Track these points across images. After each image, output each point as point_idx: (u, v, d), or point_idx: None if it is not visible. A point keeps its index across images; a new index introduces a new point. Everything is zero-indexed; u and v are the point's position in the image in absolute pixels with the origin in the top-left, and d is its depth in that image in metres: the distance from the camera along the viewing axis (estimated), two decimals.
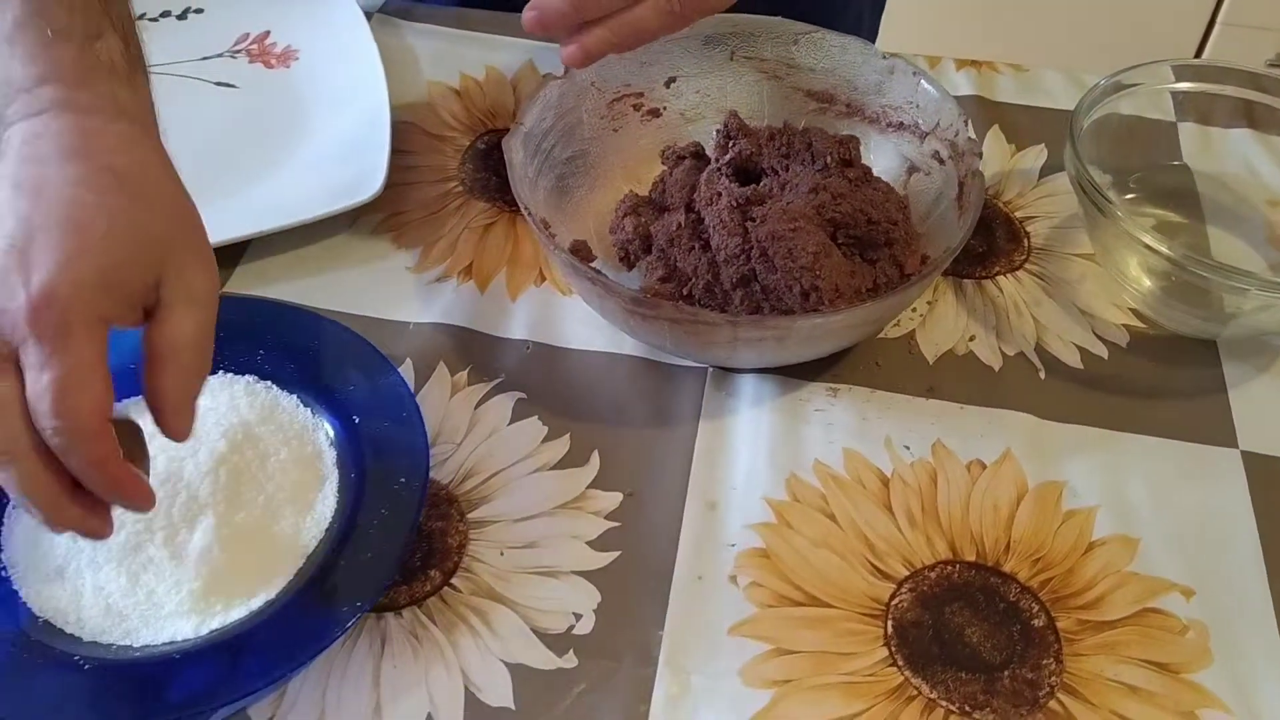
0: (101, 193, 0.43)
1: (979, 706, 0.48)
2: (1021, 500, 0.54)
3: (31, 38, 0.45)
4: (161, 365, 0.43)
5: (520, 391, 0.58)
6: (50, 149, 0.43)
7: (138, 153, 0.45)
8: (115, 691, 0.45)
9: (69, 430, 0.40)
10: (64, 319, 0.40)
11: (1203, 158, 0.71)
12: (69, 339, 0.40)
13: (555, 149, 0.62)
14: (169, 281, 0.44)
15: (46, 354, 0.40)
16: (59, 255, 0.41)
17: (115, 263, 0.42)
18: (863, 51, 0.64)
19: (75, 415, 0.40)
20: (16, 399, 0.41)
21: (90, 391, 0.41)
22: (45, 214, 0.42)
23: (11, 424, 0.40)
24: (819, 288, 0.52)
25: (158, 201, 0.45)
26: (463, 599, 0.50)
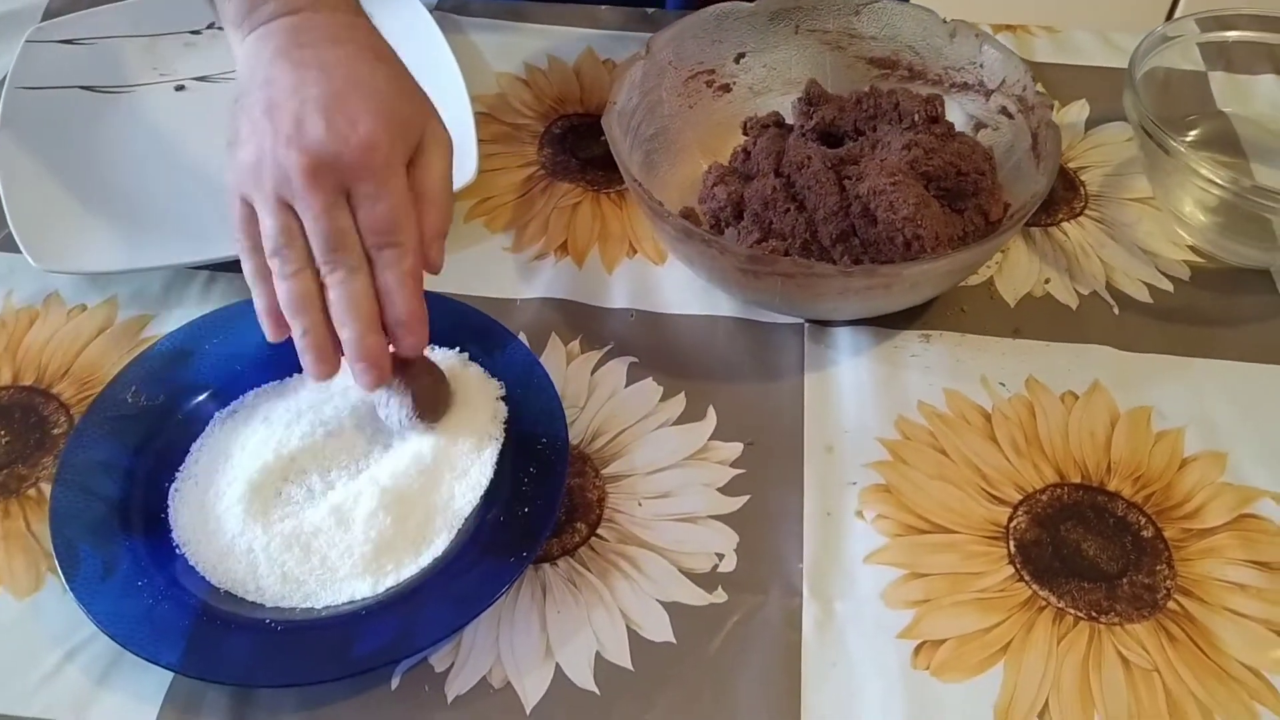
0: (374, 64, 0.52)
1: (1104, 611, 0.51)
2: (1115, 425, 0.58)
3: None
4: (429, 202, 0.52)
5: (632, 356, 0.61)
6: (317, 36, 0.52)
7: (382, 40, 0.55)
8: (305, 649, 0.48)
9: (400, 241, 0.50)
10: (388, 159, 0.50)
11: (1236, 103, 0.75)
12: (392, 174, 0.50)
13: (641, 126, 0.65)
14: (428, 133, 0.53)
15: (380, 186, 0.49)
16: (370, 108, 0.50)
17: (405, 116, 0.51)
18: (924, 18, 0.67)
19: (408, 230, 0.50)
20: (354, 229, 0.49)
21: (411, 212, 0.50)
22: (340, 80, 0.50)
23: (356, 247, 0.50)
24: (921, 236, 0.55)
25: (408, 74, 0.54)
26: (611, 547, 0.53)
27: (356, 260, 0.49)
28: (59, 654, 0.49)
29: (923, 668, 0.49)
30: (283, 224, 0.49)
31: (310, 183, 0.48)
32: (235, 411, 0.57)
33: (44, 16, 0.81)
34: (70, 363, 0.61)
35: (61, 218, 0.66)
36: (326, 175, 0.49)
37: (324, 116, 0.49)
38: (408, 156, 0.51)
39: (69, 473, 0.53)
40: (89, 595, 0.49)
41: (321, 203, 0.49)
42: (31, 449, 0.57)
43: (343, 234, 0.49)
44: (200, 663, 0.47)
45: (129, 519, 0.52)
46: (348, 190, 0.49)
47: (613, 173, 0.71)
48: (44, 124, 0.71)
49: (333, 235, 0.49)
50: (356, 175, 0.49)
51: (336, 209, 0.49)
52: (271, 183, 0.49)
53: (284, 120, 0.49)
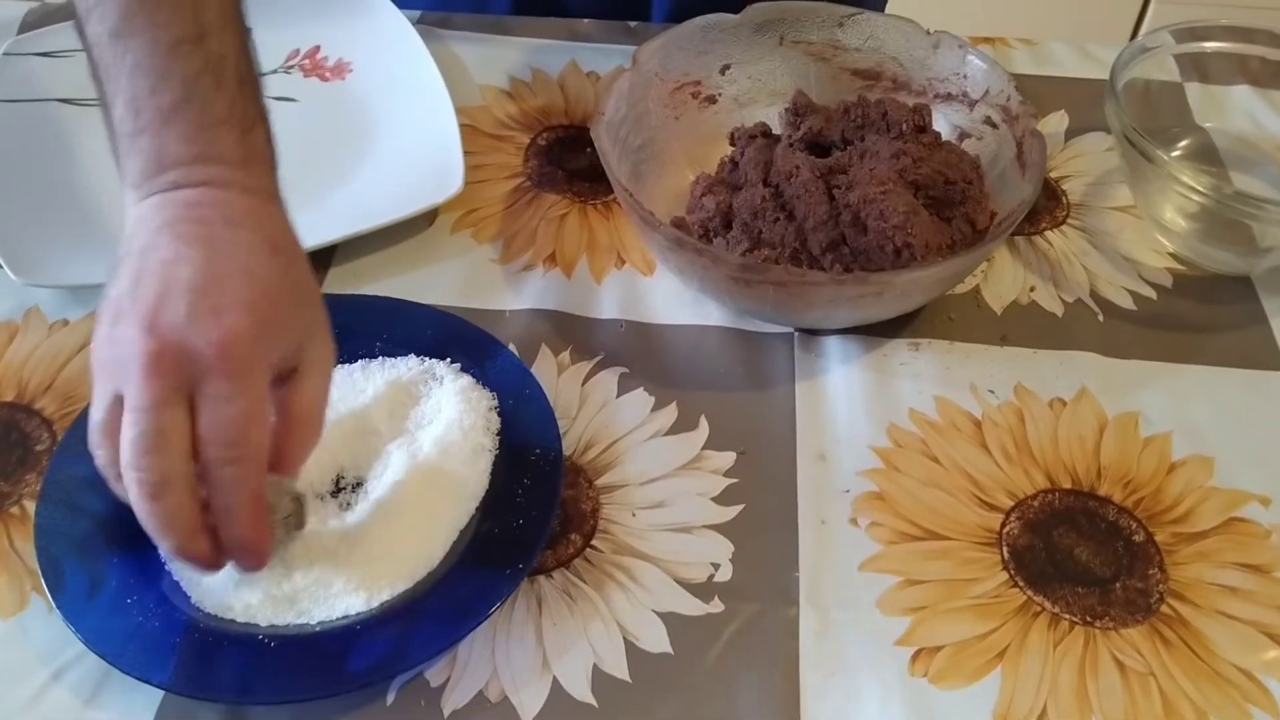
0: (268, 256, 0.46)
1: (1099, 616, 0.51)
2: (1104, 430, 0.59)
3: (191, 120, 0.47)
4: (296, 426, 0.46)
5: (622, 366, 0.61)
6: (214, 214, 0.46)
7: (288, 230, 0.49)
8: (299, 665, 0.47)
9: (244, 459, 0.43)
10: (249, 358, 0.43)
11: (1213, 113, 0.76)
12: (251, 377, 0.43)
13: (629, 137, 0.65)
14: (310, 347, 0.47)
15: (233, 389, 0.43)
16: (244, 300, 0.44)
17: (285, 317, 0.46)
18: (907, 29, 0.68)
19: (255, 444, 0.43)
20: (185, 432, 0.43)
21: (264, 427, 0.44)
22: (222, 264, 0.44)
23: (174, 454, 0.42)
24: (911, 245, 0.56)
25: (306, 273, 0.49)
26: (606, 558, 0.53)
27: (168, 472, 0.42)
28: (46, 674, 0.48)
29: (920, 675, 0.49)
30: (106, 417, 0.43)
31: (146, 372, 0.42)
32: None
33: (20, 29, 0.80)
34: (52, 378, 0.60)
35: (42, 231, 0.65)
36: (168, 367, 0.42)
37: (189, 300, 0.43)
38: (276, 365, 0.45)
39: (53, 489, 0.52)
40: (76, 613, 0.48)
41: (149, 397, 0.42)
42: (14, 466, 0.56)
43: (163, 435, 0.42)
44: (191, 680, 0.46)
45: (116, 535, 0.51)
46: (192, 389, 0.43)
47: (599, 184, 0.71)
48: (23, 137, 0.70)
49: (145, 438, 0.42)
50: (207, 373, 0.42)
51: (164, 408, 0.42)
52: (111, 364, 0.43)
53: (146, 296, 0.43)
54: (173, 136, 0.47)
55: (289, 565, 0.50)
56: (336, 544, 0.51)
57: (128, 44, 0.47)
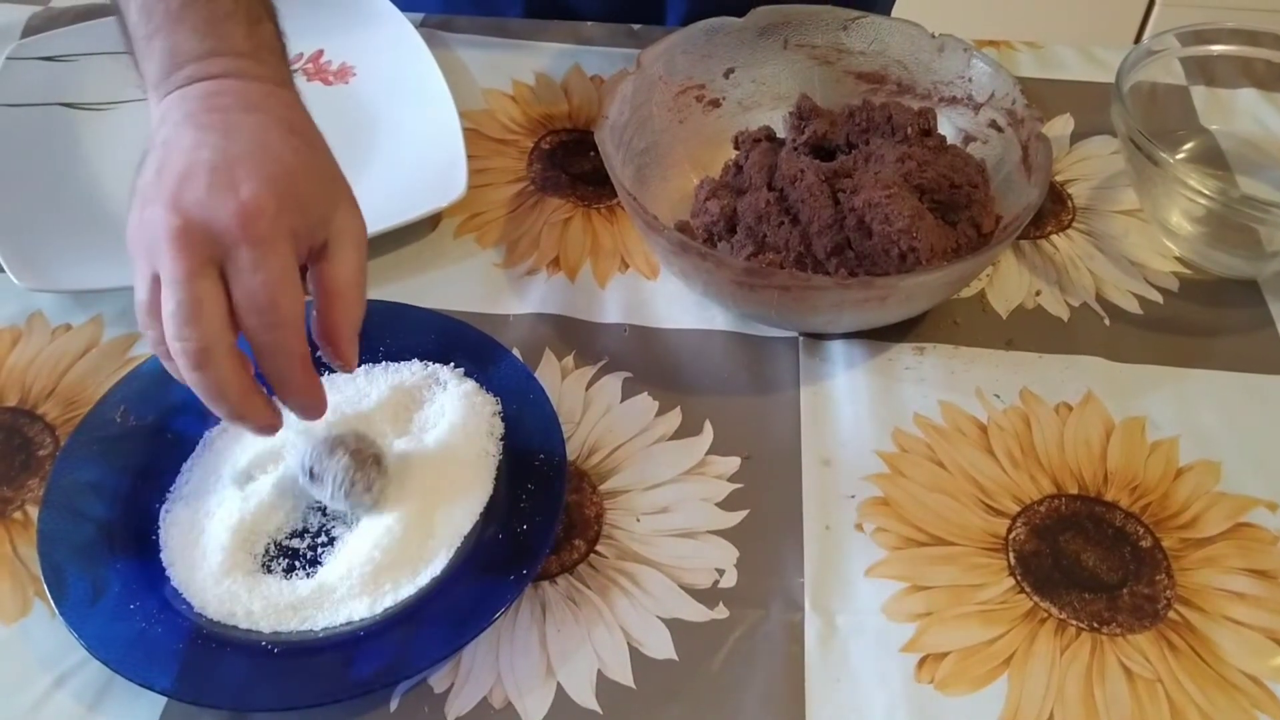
0: (285, 135, 0.48)
1: (1106, 622, 0.51)
2: (1110, 435, 0.58)
3: (200, 16, 0.49)
4: (337, 299, 0.48)
5: (626, 371, 0.61)
6: (230, 102, 0.48)
7: (304, 113, 0.51)
8: (302, 671, 0.47)
9: (280, 324, 0.45)
10: (272, 228, 0.44)
11: (1218, 117, 0.76)
12: (276, 245, 0.45)
13: (633, 141, 0.65)
14: (337, 220, 0.48)
15: (258, 257, 0.44)
16: (262, 174, 0.45)
17: (305, 190, 0.47)
18: (912, 33, 0.68)
19: (287, 310, 0.45)
20: (220, 300, 0.44)
21: (296, 291, 0.45)
22: (241, 145, 0.46)
23: (214, 322, 0.44)
24: (916, 248, 0.56)
25: (324, 152, 0.50)
26: (610, 563, 0.53)
27: (210, 338, 0.44)
28: (48, 680, 0.48)
29: (926, 681, 0.49)
30: (148, 298, 0.45)
31: (175, 246, 0.43)
32: (225, 430, 0.56)
33: (24, 34, 0.80)
34: (55, 383, 0.59)
35: (44, 236, 0.65)
36: (195, 240, 0.43)
37: (209, 178, 0.44)
38: (301, 237, 0.46)
39: (56, 495, 0.52)
40: (78, 619, 0.48)
41: (182, 270, 0.43)
42: (17, 471, 0.56)
43: (198, 304, 0.43)
44: (194, 687, 0.46)
45: (119, 541, 0.51)
46: (222, 262, 0.44)
47: (603, 188, 0.71)
48: (25, 141, 0.70)
49: (183, 308, 0.43)
50: (233, 243, 0.44)
51: (197, 279, 0.43)
52: (144, 247, 0.45)
53: (169, 180, 0.45)
54: (184, 33, 0.49)
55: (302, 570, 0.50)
56: (340, 549, 0.50)
57: None
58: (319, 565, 0.51)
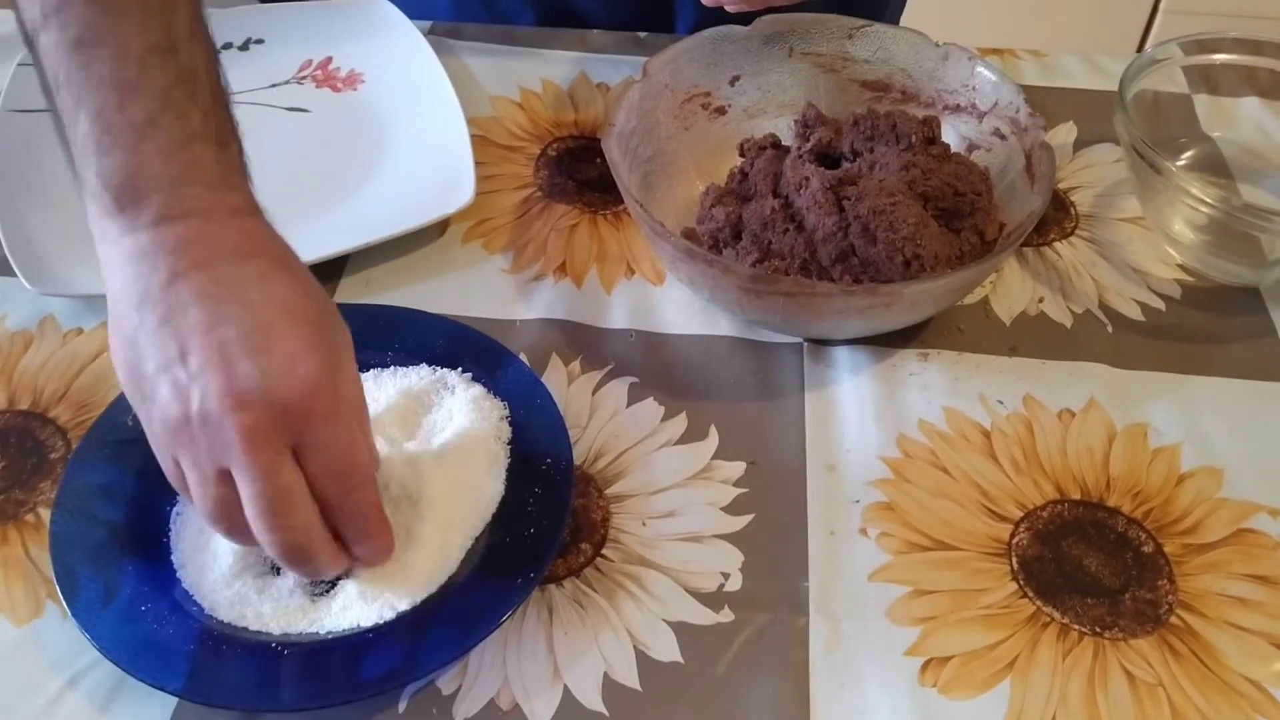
0: (288, 280, 0.46)
1: (1108, 627, 0.52)
2: (1113, 441, 0.59)
3: (166, 136, 0.45)
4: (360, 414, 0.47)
5: (632, 376, 0.61)
6: (215, 253, 0.45)
7: (281, 240, 0.48)
8: (311, 673, 0.48)
9: (360, 485, 0.46)
10: (333, 397, 0.44)
11: (1221, 125, 0.76)
12: (339, 411, 0.44)
13: (639, 148, 0.66)
14: (340, 342, 0.47)
15: (332, 429, 0.44)
16: (300, 339, 0.44)
17: (332, 337, 0.46)
18: (916, 42, 0.68)
19: (364, 469, 0.46)
20: (304, 485, 0.44)
21: (366, 448, 0.47)
22: (260, 310, 0.44)
23: (306, 509, 0.44)
24: (920, 256, 0.56)
25: (310, 274, 0.48)
26: (616, 567, 0.53)
27: (306, 519, 0.44)
28: (60, 681, 0.49)
29: (930, 685, 0.49)
30: (221, 495, 0.44)
31: (251, 445, 0.42)
32: None
33: None
34: (67, 386, 0.60)
35: (56, 240, 0.65)
36: (270, 432, 0.42)
37: (255, 360, 0.42)
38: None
39: (68, 497, 0.53)
40: (90, 621, 0.48)
41: (265, 466, 0.42)
42: (29, 474, 0.56)
43: (289, 496, 0.43)
44: (205, 688, 0.47)
45: (130, 543, 0.52)
46: (295, 442, 0.43)
47: (609, 194, 0.71)
48: (37, 147, 0.71)
49: (278, 500, 0.43)
50: (306, 424, 0.43)
51: (281, 469, 0.43)
52: (205, 445, 0.43)
53: (207, 369, 0.42)
54: (149, 153, 0.45)
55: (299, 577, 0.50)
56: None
57: (92, 54, 0.44)
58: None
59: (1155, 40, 1.87)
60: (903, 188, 0.58)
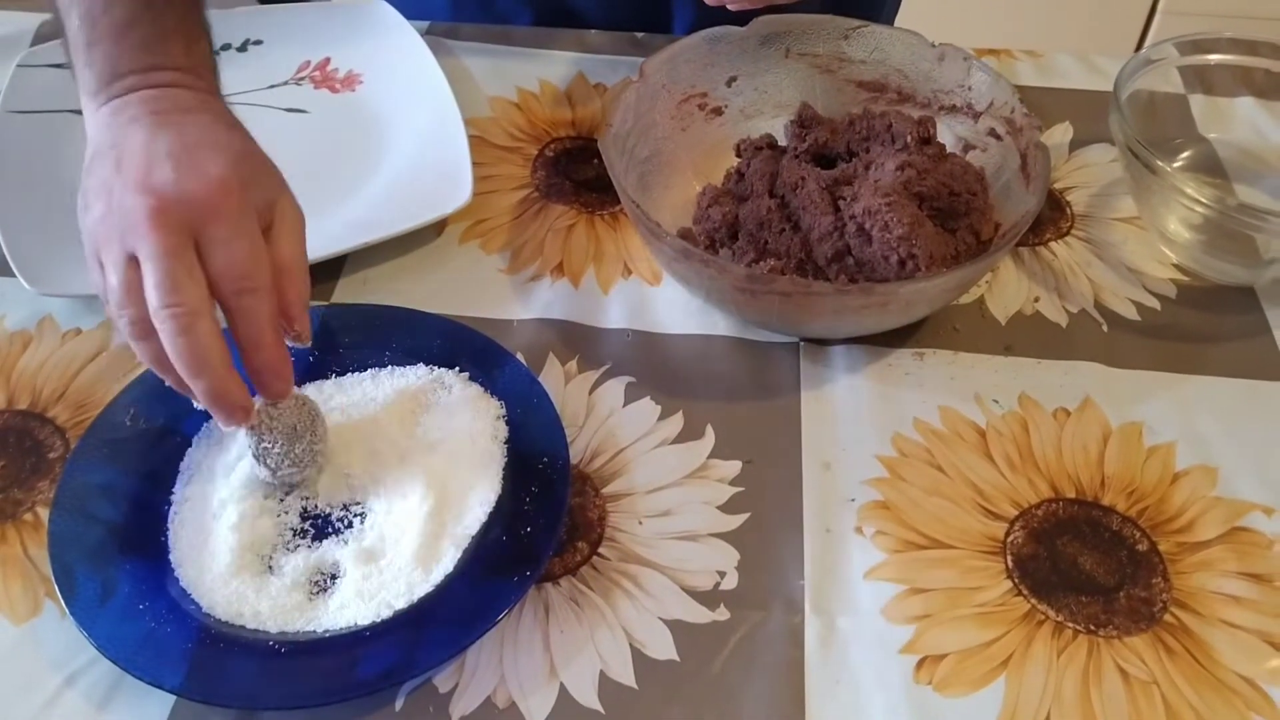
0: (228, 130, 0.52)
1: (1103, 625, 0.52)
2: (1107, 440, 0.59)
3: (144, 32, 0.53)
4: (286, 275, 0.51)
5: (629, 376, 0.61)
6: (171, 105, 0.52)
7: (237, 120, 0.54)
8: (309, 671, 0.48)
9: (255, 289, 0.48)
10: (241, 203, 0.49)
11: (1216, 126, 0.76)
12: (245, 219, 0.49)
13: (636, 148, 0.66)
14: (280, 206, 0.52)
15: (232, 229, 0.48)
16: (222, 158, 0.49)
17: (257, 173, 0.52)
18: (912, 42, 0.69)
19: (260, 276, 0.49)
20: (200, 271, 0.48)
21: (266, 258, 0.49)
22: (193, 136, 0.50)
23: (198, 289, 0.47)
24: (916, 255, 0.56)
25: (259, 147, 0.54)
26: (613, 565, 0.53)
27: (197, 304, 0.47)
28: (59, 679, 0.49)
29: (925, 682, 0.50)
30: (125, 279, 0.47)
31: (154, 224, 0.46)
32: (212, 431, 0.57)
33: (34, 41, 0.81)
34: (65, 386, 0.60)
35: (55, 241, 0.65)
36: (173, 217, 0.47)
37: (174, 162, 0.48)
38: (260, 214, 0.50)
39: (66, 497, 0.53)
40: (88, 619, 0.48)
41: (163, 245, 0.46)
42: (27, 473, 0.56)
43: (181, 277, 0.46)
44: (203, 685, 0.47)
45: (128, 542, 0.52)
46: (196, 236, 0.47)
47: (606, 194, 0.72)
48: (36, 148, 0.71)
49: (169, 278, 0.46)
50: (208, 218, 0.47)
51: (179, 252, 0.47)
52: (117, 233, 0.48)
53: (132, 170, 0.48)
54: (126, 46, 0.53)
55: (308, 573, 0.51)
56: (347, 551, 0.51)
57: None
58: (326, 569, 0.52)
59: (1153, 41, 1.87)
60: (898, 188, 0.58)
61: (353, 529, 0.53)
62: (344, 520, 0.53)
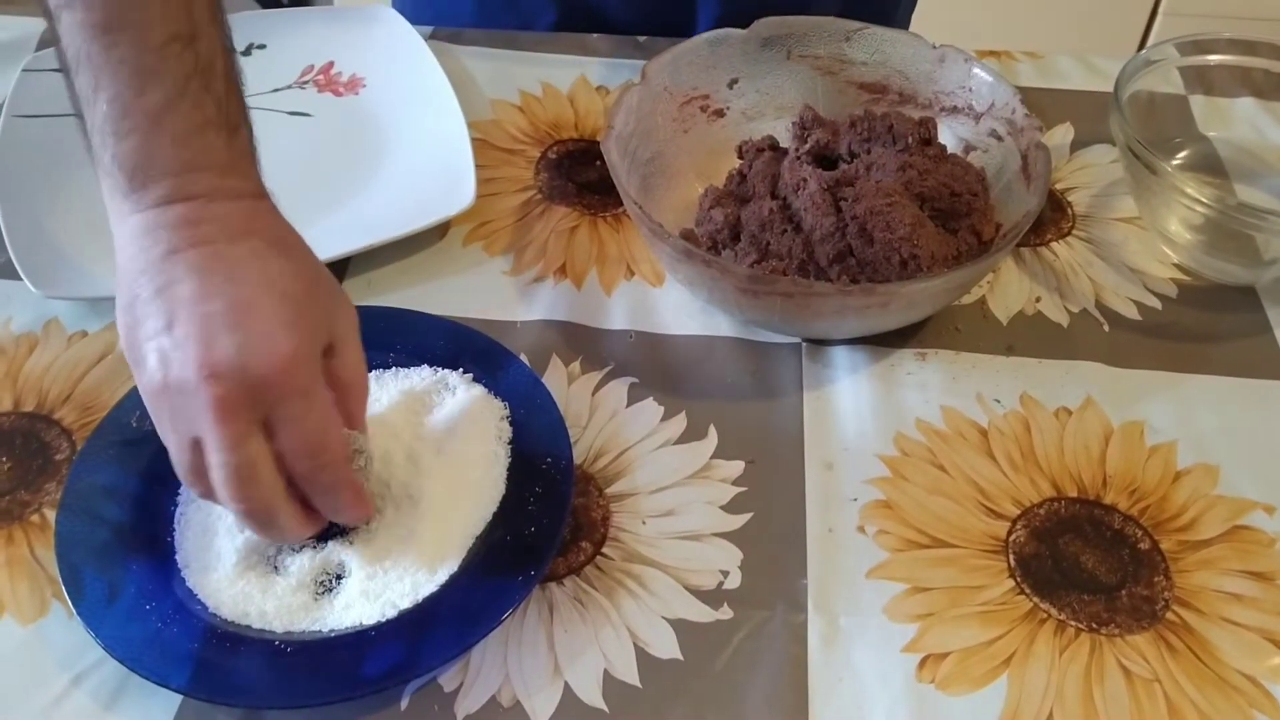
0: (281, 261, 0.47)
1: (1105, 623, 0.52)
2: (1109, 439, 0.59)
3: (180, 123, 0.47)
4: (351, 391, 0.49)
5: (632, 376, 0.62)
6: (215, 231, 0.46)
7: (285, 223, 0.50)
8: (314, 670, 0.48)
9: (331, 462, 0.47)
10: (308, 375, 0.46)
11: (1217, 126, 0.77)
12: (314, 389, 0.46)
13: (638, 150, 0.66)
14: (338, 324, 0.49)
15: (304, 405, 0.45)
16: (281, 319, 0.45)
17: (318, 318, 0.47)
18: (913, 43, 0.69)
19: (335, 447, 0.47)
20: (271, 458, 0.45)
21: (339, 426, 0.48)
22: (249, 288, 0.45)
23: (270, 481, 0.45)
24: (917, 256, 0.57)
25: (313, 260, 0.49)
26: (616, 565, 0.54)
27: (270, 498, 0.45)
28: (66, 679, 0.49)
29: (928, 681, 0.50)
30: (192, 462, 0.45)
31: (220, 416, 0.43)
32: None
33: (38, 46, 0.82)
34: (71, 389, 0.61)
35: (61, 244, 0.66)
36: (240, 404, 0.44)
37: (234, 335, 0.44)
38: (325, 347, 0.47)
39: (73, 498, 0.53)
40: (95, 619, 0.49)
41: (231, 438, 0.44)
42: (34, 475, 0.57)
43: (252, 468, 0.44)
44: (209, 685, 0.47)
45: (134, 543, 0.52)
46: (265, 414, 0.45)
47: (609, 196, 0.72)
48: (42, 151, 0.71)
49: (239, 474, 0.44)
50: (276, 400, 0.44)
51: (247, 441, 0.44)
52: (182, 414, 0.45)
53: (188, 339, 0.44)
54: (163, 140, 0.46)
55: (314, 573, 0.51)
56: (353, 551, 0.51)
57: (116, 38, 0.46)
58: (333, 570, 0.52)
59: (1154, 42, 1.87)
60: (899, 188, 0.59)
61: (358, 529, 0.53)
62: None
